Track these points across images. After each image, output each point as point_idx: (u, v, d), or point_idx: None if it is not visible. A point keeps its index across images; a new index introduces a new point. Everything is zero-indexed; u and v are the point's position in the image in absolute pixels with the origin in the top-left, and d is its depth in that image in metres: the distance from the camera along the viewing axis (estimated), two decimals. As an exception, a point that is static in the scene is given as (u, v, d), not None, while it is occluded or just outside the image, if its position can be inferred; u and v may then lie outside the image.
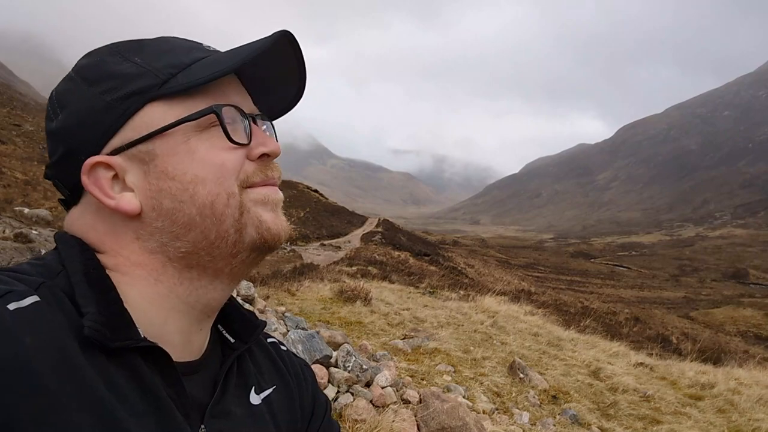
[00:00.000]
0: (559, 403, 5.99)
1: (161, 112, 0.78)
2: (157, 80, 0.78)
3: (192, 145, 0.79)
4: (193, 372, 0.83)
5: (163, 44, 0.83)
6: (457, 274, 32.87)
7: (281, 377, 1.03)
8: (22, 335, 0.62)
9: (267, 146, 0.85)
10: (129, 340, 0.72)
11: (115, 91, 0.78)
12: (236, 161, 0.81)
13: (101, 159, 0.79)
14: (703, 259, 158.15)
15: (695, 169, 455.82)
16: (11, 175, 27.57)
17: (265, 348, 1.06)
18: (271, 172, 0.86)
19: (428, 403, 4.24)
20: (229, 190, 0.79)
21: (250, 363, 0.97)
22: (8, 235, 13.73)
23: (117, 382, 0.70)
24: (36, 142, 40.64)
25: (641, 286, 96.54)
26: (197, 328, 0.85)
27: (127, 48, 0.81)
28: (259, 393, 0.94)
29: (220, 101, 0.81)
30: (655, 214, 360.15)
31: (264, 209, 0.83)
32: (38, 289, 0.70)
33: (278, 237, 0.85)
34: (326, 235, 48.51)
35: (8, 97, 58.44)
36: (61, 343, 0.66)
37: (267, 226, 0.83)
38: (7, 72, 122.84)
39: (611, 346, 10.48)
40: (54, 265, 0.78)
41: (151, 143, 0.78)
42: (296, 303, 8.14)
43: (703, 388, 8.02)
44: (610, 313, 26.12)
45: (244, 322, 0.97)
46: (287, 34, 0.82)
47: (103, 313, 0.72)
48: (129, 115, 0.78)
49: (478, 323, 9.49)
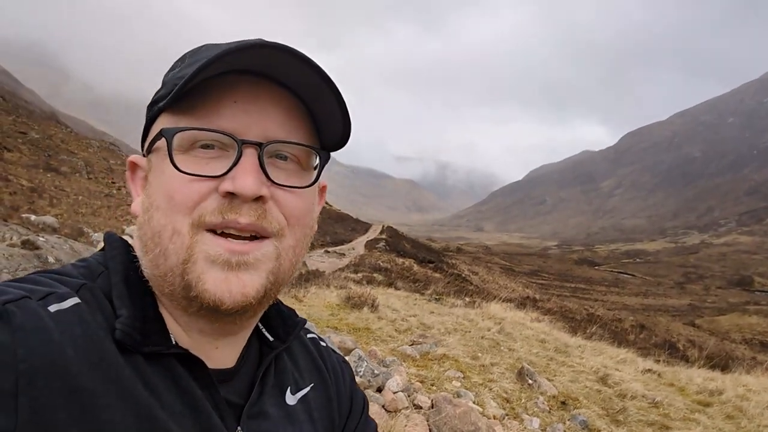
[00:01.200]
0: (569, 409, 5.97)
1: (160, 125, 0.76)
2: (167, 91, 0.75)
3: (164, 166, 0.74)
4: (228, 379, 0.83)
5: (205, 51, 0.77)
6: (462, 281, 32.84)
7: (320, 374, 1.02)
8: (62, 336, 0.64)
9: (233, 183, 0.72)
10: (159, 346, 0.72)
11: (154, 97, 0.80)
12: (189, 194, 0.72)
13: (134, 159, 0.83)
14: (707, 266, 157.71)
15: (700, 177, 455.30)
16: (17, 182, 27.70)
17: (305, 344, 1.05)
18: (233, 215, 0.72)
19: (440, 408, 4.24)
20: (175, 225, 0.72)
21: (288, 361, 0.97)
22: (16, 242, 13.82)
23: (154, 382, 0.70)
24: (41, 150, 40.81)
25: (646, 293, 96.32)
26: (210, 346, 0.82)
27: (189, 53, 0.80)
28: (295, 393, 0.93)
29: (204, 121, 0.73)
30: (659, 221, 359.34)
31: (211, 267, 0.72)
32: (79, 290, 0.71)
33: (220, 303, 0.72)
34: (330, 242, 48.47)
35: (14, 105, 58.74)
36: (100, 343, 0.67)
37: (204, 287, 0.71)
38: (12, 80, 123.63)
39: (618, 352, 10.43)
40: (96, 267, 0.78)
41: (153, 154, 0.78)
42: (304, 309, 8.14)
43: (711, 394, 7.97)
44: (615, 320, 26.06)
45: (283, 319, 0.96)
46: (274, 45, 0.71)
47: (137, 317, 0.72)
48: (150, 122, 0.80)
49: (485, 330, 9.46)
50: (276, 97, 0.77)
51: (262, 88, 0.75)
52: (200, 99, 0.73)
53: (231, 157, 0.72)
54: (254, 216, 0.72)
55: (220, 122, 0.72)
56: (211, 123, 0.72)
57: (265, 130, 0.74)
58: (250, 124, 0.74)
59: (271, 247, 0.75)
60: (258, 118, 0.74)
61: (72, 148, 46.72)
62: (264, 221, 0.73)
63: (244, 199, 0.71)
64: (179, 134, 0.72)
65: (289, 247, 0.78)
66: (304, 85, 0.77)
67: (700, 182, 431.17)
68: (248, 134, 0.73)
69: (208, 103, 0.73)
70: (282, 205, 0.76)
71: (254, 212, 0.72)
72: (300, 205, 0.79)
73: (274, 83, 0.77)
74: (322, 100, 0.78)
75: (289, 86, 0.78)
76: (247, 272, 0.72)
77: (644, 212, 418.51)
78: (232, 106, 0.73)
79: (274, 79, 0.76)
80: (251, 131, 0.73)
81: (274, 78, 0.76)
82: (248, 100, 0.74)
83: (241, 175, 0.71)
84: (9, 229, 15.61)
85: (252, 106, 0.74)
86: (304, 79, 0.75)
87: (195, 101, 0.73)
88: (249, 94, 0.75)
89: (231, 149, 0.73)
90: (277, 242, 0.76)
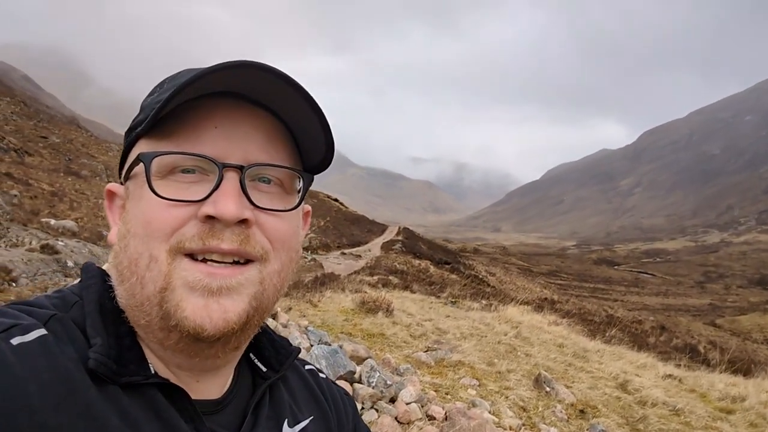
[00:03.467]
0: (587, 418, 5.86)
1: (140, 150, 0.74)
2: (144, 116, 0.73)
3: (142, 192, 0.72)
4: (215, 410, 0.79)
5: (178, 77, 0.74)
6: (479, 282, 32.67)
7: (319, 406, 0.97)
8: (24, 371, 0.60)
9: (214, 207, 0.69)
10: (137, 376, 0.69)
11: (132, 123, 0.78)
12: (167, 220, 0.69)
13: (111, 188, 0.82)
14: (728, 265, 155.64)
15: (719, 175, 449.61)
16: (38, 186, 28.02)
17: (303, 376, 1.00)
18: (215, 240, 0.69)
19: (454, 421, 4.16)
20: (152, 252, 0.69)
21: (285, 392, 0.92)
22: (35, 246, 13.99)
23: (133, 414, 0.67)
24: (62, 154, 41.34)
25: (666, 293, 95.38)
26: (191, 379, 0.77)
27: (168, 78, 0.78)
28: (293, 426, 0.88)
29: (185, 146, 0.71)
30: (679, 220, 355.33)
31: (190, 294, 0.69)
32: (47, 322, 0.68)
33: (200, 329, 0.68)
34: (347, 243, 48.49)
35: (35, 109, 59.59)
36: (69, 376, 0.63)
37: (183, 314, 0.68)
38: (33, 85, 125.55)
39: (638, 357, 10.28)
40: (70, 297, 0.76)
41: (130, 181, 0.76)
42: (318, 314, 8.12)
43: (734, 401, 7.81)
44: (635, 322, 25.75)
45: (275, 349, 0.92)
46: (251, 63, 0.68)
47: (112, 345, 0.69)
48: (128, 149, 0.79)
49: (501, 334, 9.37)
50: (257, 120, 0.75)
51: (242, 111, 0.74)
52: (179, 124, 0.71)
53: (211, 182, 0.70)
54: (237, 241, 0.70)
55: (202, 147, 0.70)
56: (193, 148, 0.70)
57: (246, 153, 0.72)
58: (232, 149, 0.71)
59: (254, 271, 0.72)
60: (239, 142, 0.72)
61: (92, 151, 47.24)
62: (247, 246, 0.71)
63: (226, 224, 0.69)
64: (157, 159, 0.69)
65: (274, 272, 0.75)
66: (286, 106, 0.74)
67: (719, 180, 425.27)
68: (229, 158, 0.71)
69: (187, 128, 0.71)
70: (266, 229, 0.73)
71: (237, 237, 0.70)
72: (285, 229, 0.76)
73: (255, 105, 0.74)
74: (305, 122, 0.76)
75: (271, 108, 0.75)
76: (228, 297, 0.70)
77: (663, 211, 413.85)
78: (212, 131, 0.71)
79: (255, 101, 0.74)
80: (233, 155, 0.71)
81: (255, 100, 0.74)
82: (229, 125, 0.72)
83: (222, 198, 0.68)
84: (29, 234, 15.81)
85: (233, 131, 0.72)
86: (287, 101, 0.73)
87: (174, 126, 0.71)
88: (229, 119, 0.72)
89: (212, 174, 0.70)
90: (261, 266, 0.73)
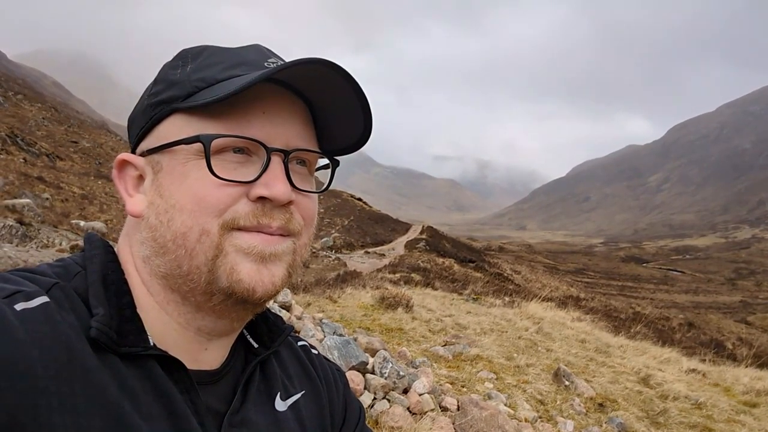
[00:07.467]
0: (606, 411, 5.83)
1: (178, 126, 0.77)
2: (182, 92, 0.76)
3: (187, 168, 0.75)
4: (212, 381, 0.83)
5: (216, 55, 0.80)
6: (503, 280, 32.50)
7: (311, 382, 1.00)
8: (27, 336, 0.61)
9: (268, 189, 0.76)
10: (136, 347, 0.71)
11: (156, 96, 0.80)
12: (222, 198, 0.74)
13: (126, 157, 0.83)
14: (760, 261, 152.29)
15: (750, 169, 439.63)
16: (69, 189, 28.62)
17: (295, 351, 1.04)
18: (266, 219, 0.76)
19: (466, 411, 4.18)
20: (204, 226, 0.73)
21: (277, 367, 0.96)
22: (65, 247, 14.33)
23: (131, 384, 0.69)
24: (92, 158, 42.22)
25: (696, 290, 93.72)
26: (200, 347, 0.82)
27: (191, 54, 0.81)
28: (285, 399, 0.92)
29: (236, 128, 0.75)
30: (709, 215, 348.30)
31: (244, 259, 0.75)
32: (50, 290, 0.70)
33: (252, 292, 0.75)
34: (370, 242, 48.65)
35: (65, 115, 60.91)
36: (70, 344, 0.65)
37: (238, 277, 0.74)
38: (64, 91, 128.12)
39: (662, 352, 10.17)
40: (73, 266, 0.78)
41: (161, 155, 0.78)
42: (337, 310, 8.18)
43: (758, 394, 7.69)
44: (662, 318, 25.36)
45: (268, 326, 0.96)
46: (321, 61, 0.73)
47: (113, 316, 0.71)
48: (156, 122, 0.80)
49: (522, 330, 9.34)
50: (294, 106, 0.81)
51: (285, 99, 0.79)
52: (227, 106, 0.75)
53: (257, 163, 0.76)
54: (284, 219, 0.77)
55: (251, 131, 0.75)
56: (243, 131, 0.75)
57: (287, 138, 0.78)
58: (276, 134, 0.77)
59: (290, 243, 0.80)
60: (281, 127, 0.78)
61: (120, 155, 48.13)
62: (290, 224, 0.78)
63: (276, 204, 0.76)
64: (222, 140, 0.74)
65: (303, 245, 0.84)
66: (324, 98, 0.81)
67: (750, 175, 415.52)
68: (274, 142, 0.77)
69: (237, 111, 0.75)
70: (301, 208, 0.81)
71: (284, 216, 0.78)
72: (313, 208, 0.85)
73: (296, 95, 0.81)
74: (341, 111, 0.83)
75: (307, 97, 0.82)
76: (274, 264, 0.77)
77: (693, 207, 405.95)
78: (260, 116, 0.76)
79: (297, 92, 0.81)
80: (277, 140, 0.77)
81: (297, 89, 0.81)
82: (273, 111, 0.78)
83: (273, 181, 0.75)
84: (59, 235, 16.17)
85: (276, 117, 0.78)
86: (334, 93, 0.79)
87: (224, 108, 0.75)
88: (274, 106, 0.78)
89: (255, 155, 0.77)
90: (295, 239, 0.81)
